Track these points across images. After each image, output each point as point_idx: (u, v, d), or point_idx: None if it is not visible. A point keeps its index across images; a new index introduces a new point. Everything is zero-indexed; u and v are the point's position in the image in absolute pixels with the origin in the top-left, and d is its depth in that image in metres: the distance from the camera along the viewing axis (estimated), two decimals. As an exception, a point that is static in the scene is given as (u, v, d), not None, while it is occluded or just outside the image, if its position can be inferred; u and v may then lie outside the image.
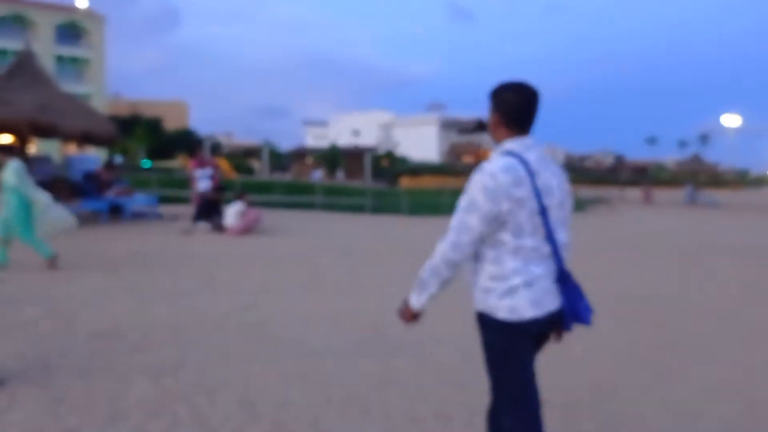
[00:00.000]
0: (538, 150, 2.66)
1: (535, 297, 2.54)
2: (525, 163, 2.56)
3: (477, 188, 2.53)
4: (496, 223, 2.53)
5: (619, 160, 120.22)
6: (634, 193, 48.21)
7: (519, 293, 2.52)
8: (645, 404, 4.45)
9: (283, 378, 4.63)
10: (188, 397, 4.16)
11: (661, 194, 43.57)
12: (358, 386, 4.50)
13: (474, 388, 4.53)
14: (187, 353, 5.13)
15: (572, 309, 2.61)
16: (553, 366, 5.22)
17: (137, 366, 4.76)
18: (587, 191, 43.96)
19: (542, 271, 2.57)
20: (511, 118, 2.65)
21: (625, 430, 4.02)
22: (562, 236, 2.65)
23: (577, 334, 5.83)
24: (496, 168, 2.54)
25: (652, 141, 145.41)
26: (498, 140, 2.70)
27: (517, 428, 2.63)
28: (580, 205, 34.28)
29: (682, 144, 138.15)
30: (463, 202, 2.58)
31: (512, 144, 2.64)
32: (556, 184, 2.64)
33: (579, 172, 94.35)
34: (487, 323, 2.60)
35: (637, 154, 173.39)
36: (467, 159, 63.36)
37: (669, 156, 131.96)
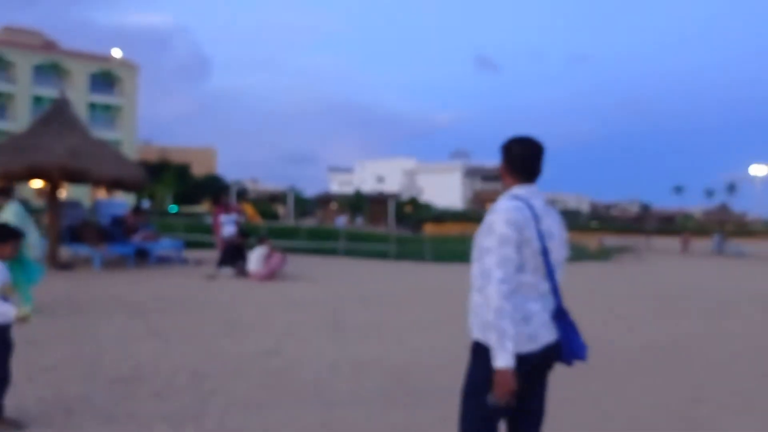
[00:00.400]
0: (542, 197, 2.87)
1: (533, 332, 2.68)
2: (531, 207, 2.77)
3: (502, 222, 2.69)
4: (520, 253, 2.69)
5: (645, 209, 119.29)
6: (661, 242, 47.61)
7: (517, 328, 2.61)
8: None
9: (306, 429, 4.51)
10: (209, 448, 4.07)
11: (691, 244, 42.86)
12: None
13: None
14: (208, 400, 5.04)
15: (569, 343, 2.74)
16: (582, 417, 5.04)
17: (159, 413, 4.68)
18: (613, 240, 43.46)
19: (540, 307, 2.72)
20: (517, 167, 2.88)
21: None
22: (559, 277, 2.83)
23: (604, 386, 5.67)
24: (509, 206, 2.75)
25: (678, 190, 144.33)
26: (506, 187, 2.92)
27: None
28: (605, 254, 33.88)
29: (709, 193, 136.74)
30: (491, 242, 2.68)
31: (519, 190, 2.86)
32: (557, 229, 2.87)
33: (605, 220, 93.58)
34: (483, 353, 2.68)
35: (664, 202, 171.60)
36: (490, 206, 62.92)
37: (695, 205, 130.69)
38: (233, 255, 13.61)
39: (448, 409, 5.08)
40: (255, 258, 13.11)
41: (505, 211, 2.72)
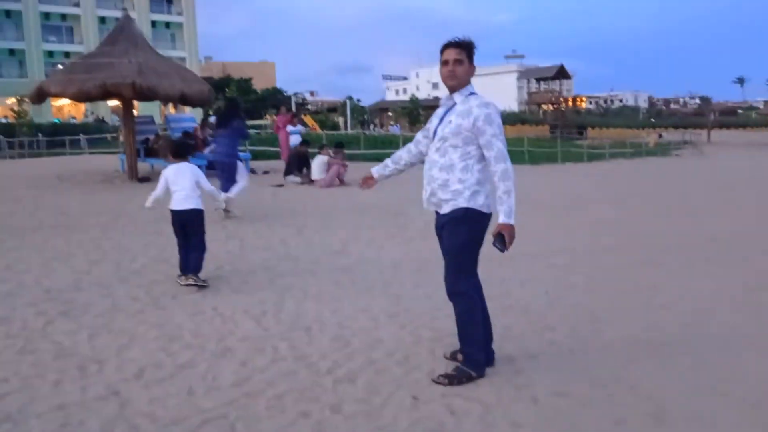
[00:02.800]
0: None
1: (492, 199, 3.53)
2: None
3: (496, 114, 3.48)
4: None
5: (706, 103, 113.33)
6: (722, 135, 45.44)
7: (490, 196, 3.52)
8: (734, 341, 4.38)
9: (374, 318, 4.85)
10: (287, 336, 4.45)
11: (753, 136, 40.78)
12: (447, 326, 4.65)
13: (559, 328, 4.60)
14: (284, 295, 5.44)
15: None
16: (645, 307, 5.20)
17: (241, 306, 5.11)
18: (673, 135, 41.75)
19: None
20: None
21: (721, 363, 3.98)
22: None
23: (666, 276, 5.76)
24: (489, 100, 3.54)
25: (740, 81, 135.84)
26: (466, 84, 3.58)
27: (474, 291, 3.62)
28: (664, 149, 32.77)
29: None
30: (494, 129, 3.42)
31: (472, 87, 3.62)
32: None
33: (663, 116, 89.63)
34: (473, 217, 3.46)
35: (725, 95, 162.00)
36: (546, 107, 61.59)
37: (759, 98, 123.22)
38: (298, 163, 13.98)
39: (510, 299, 5.34)
40: (316, 166, 13.45)
41: (494, 105, 3.50)
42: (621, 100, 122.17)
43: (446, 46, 3.54)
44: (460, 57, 3.51)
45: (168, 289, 5.64)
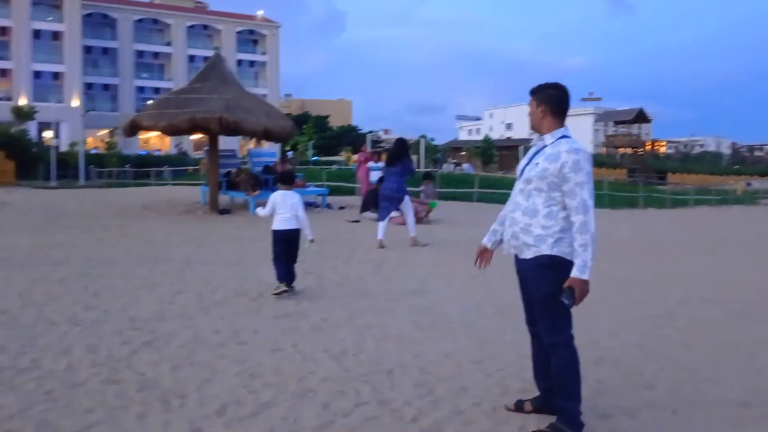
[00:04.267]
0: None
1: None
2: None
3: (586, 161, 3.31)
4: None
5: None
6: None
7: (573, 244, 3.30)
8: None
9: (458, 364, 4.65)
10: (369, 378, 4.32)
11: None
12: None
13: (658, 385, 4.27)
14: (364, 335, 5.33)
15: None
16: (749, 367, 4.75)
17: (320, 345, 5.02)
18: (759, 183, 39.75)
19: None
20: (560, 109, 3.46)
21: None
22: None
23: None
24: (582, 146, 3.39)
25: None
26: (541, 127, 3.48)
27: (574, 358, 3.42)
28: (752, 198, 31.12)
29: None
30: (582, 177, 3.26)
31: (567, 131, 3.45)
32: None
33: (747, 163, 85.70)
34: (559, 264, 3.30)
35: None
36: (624, 150, 59.89)
37: None
38: (376, 200, 13.98)
39: (601, 350, 5.02)
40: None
41: (585, 151, 3.34)
42: (702, 146, 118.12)
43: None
44: (530, 102, 3.54)
45: (248, 322, 5.64)
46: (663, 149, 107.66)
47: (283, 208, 6.59)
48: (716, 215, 23.33)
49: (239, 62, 65.41)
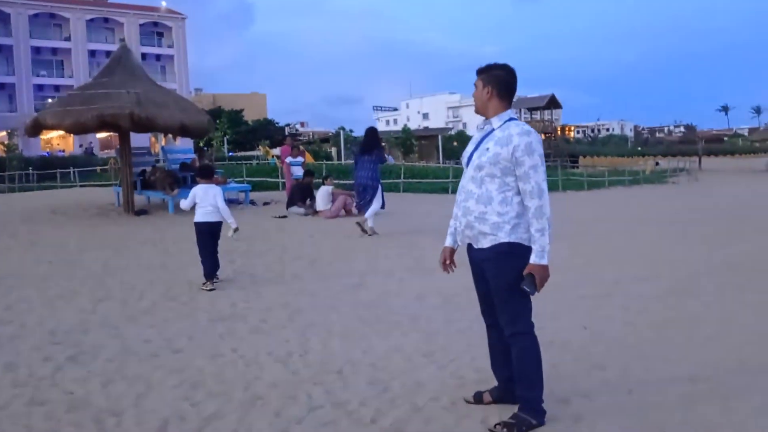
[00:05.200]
0: None
1: None
2: None
3: (538, 143, 3.20)
4: None
5: (690, 131, 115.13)
6: (711, 162, 46.02)
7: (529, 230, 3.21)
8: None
9: (410, 359, 4.51)
10: (320, 380, 4.10)
11: (741, 162, 41.47)
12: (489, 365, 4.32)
13: (609, 365, 4.28)
14: (307, 334, 5.10)
15: None
16: (692, 341, 4.85)
17: (263, 348, 4.76)
18: (665, 163, 42.14)
19: None
20: (507, 92, 3.33)
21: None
22: None
23: (705, 305, 5.40)
24: (532, 129, 3.24)
25: (725, 110, 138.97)
26: (486, 108, 3.33)
27: (535, 347, 3.32)
28: (661, 177, 32.94)
29: (757, 111, 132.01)
30: (534, 160, 3.14)
31: (514, 114, 3.35)
32: None
33: (650, 144, 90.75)
34: (518, 252, 3.20)
35: (710, 124, 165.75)
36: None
37: (743, 125, 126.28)
38: (302, 195, 13.69)
39: (541, 335, 4.99)
40: (320, 197, 13.17)
41: (536, 133, 3.22)
42: (608, 129, 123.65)
43: None
44: (476, 83, 3.39)
45: (182, 328, 5.30)
46: (572, 134, 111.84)
47: (205, 201, 6.82)
48: (630, 195, 24.36)
49: (144, 56, 62.60)
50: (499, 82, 3.31)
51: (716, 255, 8.89)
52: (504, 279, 3.25)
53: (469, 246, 3.43)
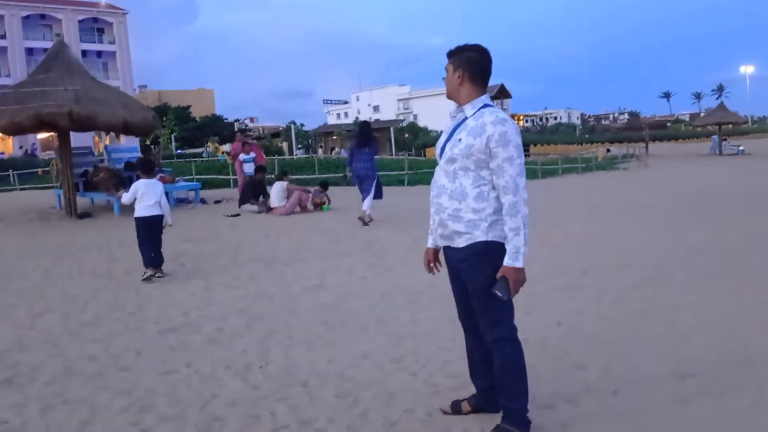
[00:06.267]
0: None
1: None
2: None
3: (514, 133, 2.90)
4: None
5: (635, 117, 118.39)
6: (657, 147, 47.31)
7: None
8: None
9: (379, 366, 4.21)
10: (284, 395, 3.77)
11: (685, 147, 42.83)
12: (464, 371, 4.05)
13: (590, 364, 4.08)
14: (267, 343, 4.76)
15: None
16: (672, 334, 4.69)
17: (220, 360, 4.40)
18: (616, 150, 42.99)
19: None
20: (481, 76, 3.06)
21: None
22: None
23: (679, 295, 5.23)
24: (507, 116, 2.96)
25: (666, 96, 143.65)
26: (459, 94, 3.06)
27: (519, 353, 3.07)
28: (612, 163, 33.54)
29: (697, 96, 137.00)
30: (510, 152, 2.87)
31: (488, 100, 3.06)
32: None
33: (597, 132, 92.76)
34: (495, 251, 2.92)
35: (652, 110, 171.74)
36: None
37: (684, 110, 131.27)
38: (255, 192, 13.22)
39: (521, 332, 4.77)
40: (275, 194, 12.72)
41: (512, 122, 2.92)
42: (555, 118, 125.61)
43: None
44: (446, 66, 3.12)
45: (129, 342, 4.89)
46: (521, 123, 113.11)
47: (147, 195, 6.98)
48: (585, 182, 24.50)
49: (85, 53, 60.36)
50: (471, 65, 3.04)
51: (680, 241, 8.86)
52: (482, 281, 2.97)
53: (446, 247, 3.15)
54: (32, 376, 4.21)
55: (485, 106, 3.03)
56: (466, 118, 3.04)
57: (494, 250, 2.93)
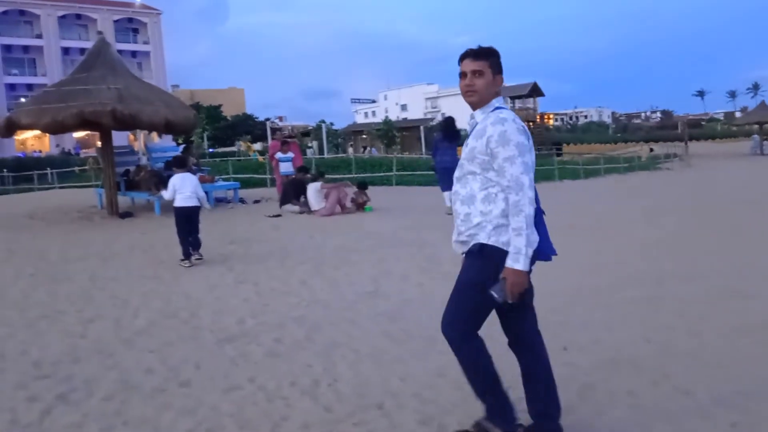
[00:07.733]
0: None
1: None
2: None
3: (515, 131, 2.78)
4: None
5: (668, 116, 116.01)
6: (694, 147, 46.26)
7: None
8: None
9: (459, 386, 3.87)
10: (360, 418, 3.47)
11: (723, 147, 41.75)
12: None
13: (699, 393, 3.68)
14: (331, 356, 4.46)
15: (545, 243, 2.91)
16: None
17: (284, 375, 4.11)
18: (659, 149, 42.01)
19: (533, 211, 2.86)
20: (500, 78, 2.97)
21: None
22: None
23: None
24: (513, 115, 2.85)
25: (700, 94, 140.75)
26: (490, 99, 2.92)
27: (472, 358, 3.10)
28: (655, 163, 32.74)
29: (732, 95, 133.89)
30: (510, 151, 2.75)
31: (500, 102, 2.96)
32: None
33: (629, 131, 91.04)
34: (489, 254, 2.82)
35: (686, 108, 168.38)
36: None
37: (719, 109, 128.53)
38: (296, 192, 12.98)
39: (601, 351, 4.37)
40: (312, 196, 12.43)
41: (513, 121, 2.82)
42: (586, 116, 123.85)
43: (463, 57, 2.96)
44: (479, 68, 2.91)
45: (187, 353, 4.63)
46: (551, 122, 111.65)
47: (183, 187, 7.54)
48: (631, 182, 23.78)
49: (120, 53, 61.11)
50: (501, 68, 2.98)
51: (758, 247, 8.32)
52: (465, 275, 2.96)
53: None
54: (88, 391, 3.97)
55: (496, 108, 2.93)
56: (477, 124, 2.97)
57: (488, 253, 2.84)
